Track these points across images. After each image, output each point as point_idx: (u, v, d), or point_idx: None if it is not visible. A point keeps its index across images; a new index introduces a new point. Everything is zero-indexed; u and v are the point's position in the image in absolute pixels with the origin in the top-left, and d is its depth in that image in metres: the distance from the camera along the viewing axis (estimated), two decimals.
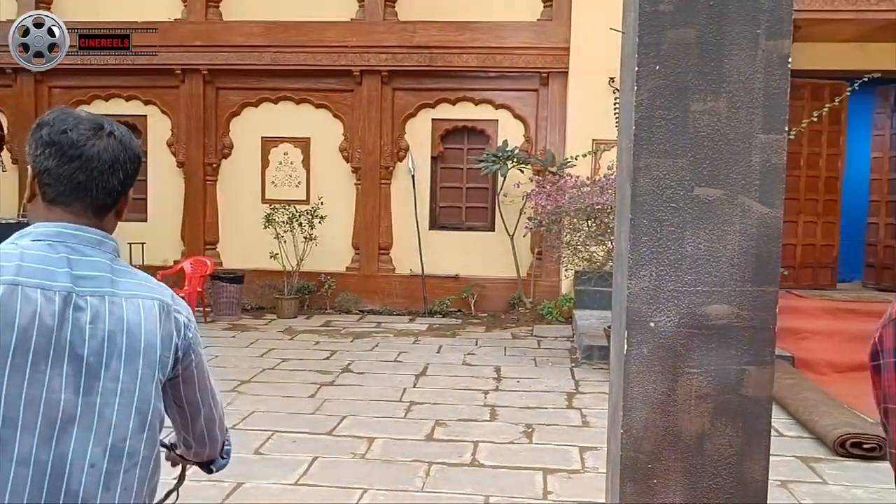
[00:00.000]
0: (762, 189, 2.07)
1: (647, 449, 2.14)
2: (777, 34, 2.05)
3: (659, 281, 2.10)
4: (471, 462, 4.63)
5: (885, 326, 0.87)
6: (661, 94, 2.08)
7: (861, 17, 8.10)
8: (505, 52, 9.79)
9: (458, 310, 10.05)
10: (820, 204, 9.58)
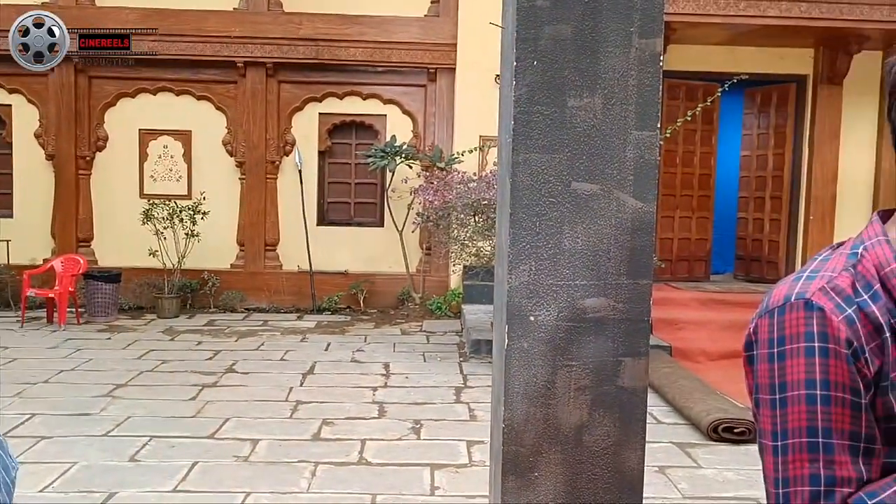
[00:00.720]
0: (636, 184, 2.11)
1: (528, 442, 2.16)
2: (649, 33, 2.09)
3: (538, 275, 2.12)
4: (358, 461, 4.58)
5: (762, 318, 0.89)
6: (539, 89, 2.09)
7: (730, 22, 8.51)
8: (393, 46, 9.74)
9: (348, 306, 9.95)
10: (694, 200, 10.02)
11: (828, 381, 0.85)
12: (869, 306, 0.87)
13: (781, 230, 10.04)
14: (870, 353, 0.85)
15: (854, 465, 0.85)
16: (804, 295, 0.88)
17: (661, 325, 7.99)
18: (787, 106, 9.92)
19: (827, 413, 0.85)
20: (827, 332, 0.85)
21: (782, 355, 0.88)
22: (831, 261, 0.92)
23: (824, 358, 0.85)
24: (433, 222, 7.88)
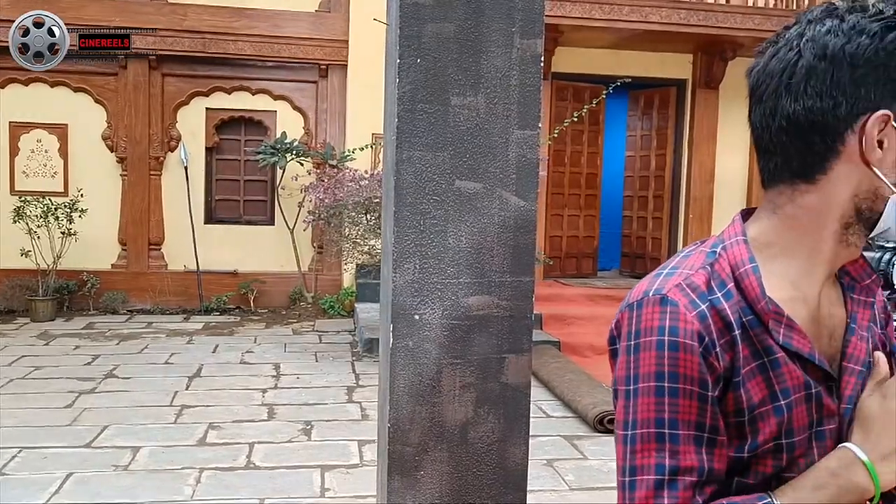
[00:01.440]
0: (518, 182, 2.14)
1: (414, 441, 2.15)
2: (530, 33, 2.12)
3: (423, 273, 2.11)
4: (246, 465, 4.46)
5: (623, 312, 0.91)
6: (423, 87, 2.08)
7: (614, 27, 8.79)
8: (282, 41, 9.56)
9: (237, 307, 9.70)
10: (582, 198, 10.31)
11: (676, 374, 0.87)
12: (721, 303, 0.89)
13: (663, 228, 10.46)
14: (720, 349, 0.88)
15: (698, 455, 0.87)
16: (661, 290, 0.90)
17: (551, 321, 8.18)
18: (669, 108, 10.34)
19: (674, 405, 0.87)
20: (678, 326, 0.87)
21: (637, 348, 0.90)
22: (691, 258, 0.95)
23: (674, 351, 0.87)
24: (325, 220, 7.78)
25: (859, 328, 0.98)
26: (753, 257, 0.92)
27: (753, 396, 0.89)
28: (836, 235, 0.92)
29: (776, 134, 0.92)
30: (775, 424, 0.89)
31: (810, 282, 0.94)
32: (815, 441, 0.92)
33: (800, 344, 0.91)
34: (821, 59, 0.88)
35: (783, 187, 0.94)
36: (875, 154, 0.87)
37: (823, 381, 0.93)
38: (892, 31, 0.86)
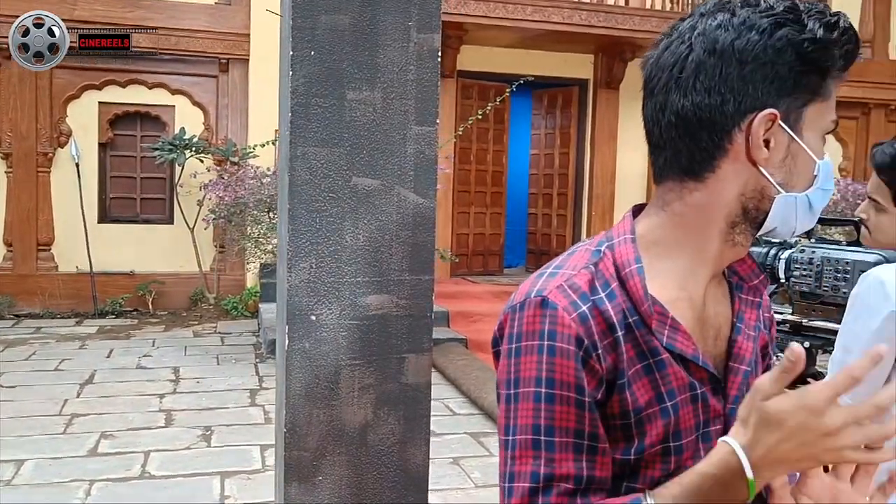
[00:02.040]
0: (416, 179, 2.10)
1: (311, 446, 2.09)
2: (427, 27, 2.09)
3: (319, 273, 2.05)
4: (140, 474, 4.27)
5: (506, 314, 0.88)
6: (317, 81, 2.02)
7: (518, 26, 8.89)
8: (180, 34, 9.23)
9: (135, 309, 9.32)
10: (488, 196, 10.39)
11: (553, 380, 0.85)
12: (604, 304, 0.87)
13: (567, 225, 10.66)
14: (603, 350, 0.86)
15: (576, 463, 0.85)
16: (542, 292, 0.87)
17: (458, 318, 8.20)
18: (571, 108, 10.54)
19: (550, 411, 0.85)
20: (557, 330, 0.85)
21: (518, 351, 0.87)
22: (575, 257, 0.93)
23: (552, 356, 0.85)
24: (226, 219, 7.56)
25: (746, 328, 0.97)
26: (639, 257, 0.91)
27: (639, 398, 0.87)
28: (722, 234, 0.91)
29: (666, 129, 0.91)
30: (662, 426, 0.88)
31: (696, 281, 0.93)
32: (702, 443, 0.91)
33: (683, 346, 0.89)
34: (710, 53, 0.86)
35: (672, 184, 0.92)
36: (761, 153, 0.87)
37: (709, 382, 0.92)
38: (781, 27, 0.85)
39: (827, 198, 0.93)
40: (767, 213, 0.90)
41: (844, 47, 0.87)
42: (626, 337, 0.87)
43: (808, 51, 0.84)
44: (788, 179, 0.89)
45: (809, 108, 0.88)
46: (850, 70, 0.91)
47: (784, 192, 0.89)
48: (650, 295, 0.88)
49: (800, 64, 0.85)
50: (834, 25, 0.85)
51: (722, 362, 0.95)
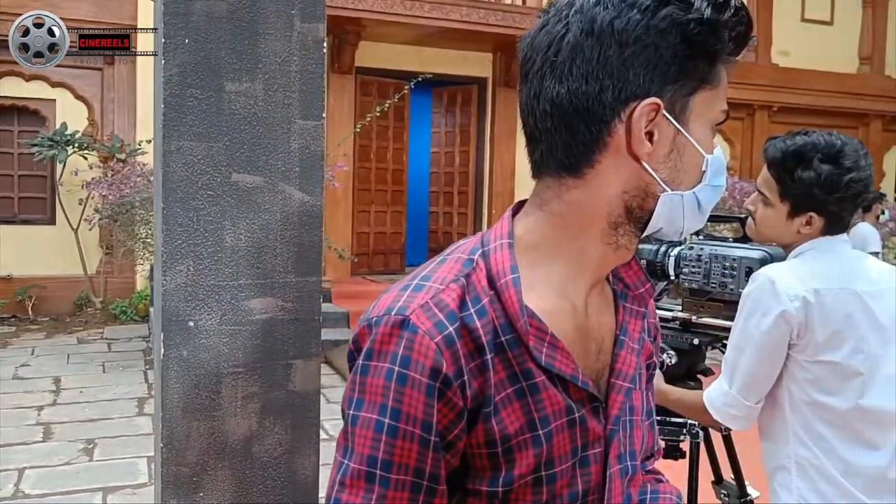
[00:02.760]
0: (302, 176, 2.00)
1: (191, 460, 1.96)
2: (311, 17, 1.99)
3: (197, 276, 1.92)
4: (13, 494, 3.97)
5: (362, 326, 0.79)
6: (193, 70, 1.89)
7: (416, 23, 8.83)
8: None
9: (13, 315, 8.76)
10: (389, 194, 10.30)
11: (400, 412, 0.76)
12: (473, 322, 0.78)
13: (469, 224, 10.68)
14: (469, 375, 0.77)
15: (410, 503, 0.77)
16: (404, 311, 0.78)
17: (358, 319, 8.08)
18: (471, 106, 10.57)
19: (391, 445, 0.76)
20: (412, 357, 0.76)
21: (366, 370, 0.78)
22: (446, 266, 0.82)
23: (402, 385, 0.76)
24: (111, 219, 7.18)
25: (630, 340, 0.90)
26: (515, 266, 0.81)
27: (508, 426, 0.79)
28: (604, 236, 0.83)
29: (541, 119, 0.81)
30: (534, 456, 0.80)
31: (577, 288, 0.85)
32: (578, 468, 0.83)
33: (562, 365, 0.81)
34: (588, 34, 0.77)
35: (550, 181, 0.83)
36: (643, 147, 0.78)
37: (588, 403, 0.84)
38: (665, 5, 0.76)
39: (717, 195, 0.85)
40: (652, 212, 0.82)
41: (735, 29, 0.79)
42: (496, 359, 0.78)
43: (695, 32, 0.76)
44: (674, 176, 0.81)
45: (697, 96, 0.79)
46: (736, 72, 0.84)
47: (669, 190, 0.81)
48: (527, 308, 0.79)
49: (685, 47, 0.77)
50: (723, 5, 0.77)
51: (604, 378, 0.87)
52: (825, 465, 1.51)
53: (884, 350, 1.53)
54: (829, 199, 1.56)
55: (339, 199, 9.12)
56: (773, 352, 1.56)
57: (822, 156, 1.56)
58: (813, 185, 1.56)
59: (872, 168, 1.62)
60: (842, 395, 1.51)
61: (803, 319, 1.51)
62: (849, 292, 1.54)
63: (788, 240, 1.65)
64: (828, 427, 1.52)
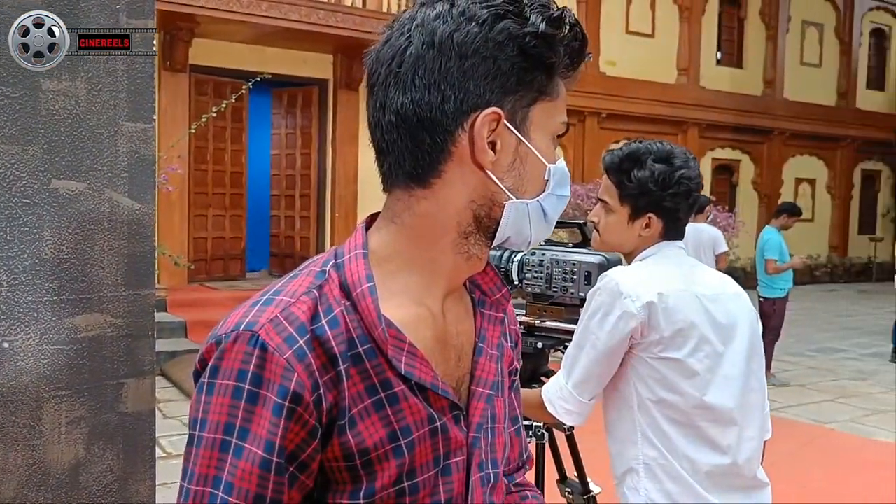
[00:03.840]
0: (132, 183, 1.87)
1: (8, 495, 1.78)
2: (139, 13, 1.86)
3: (12, 292, 1.75)
4: None
5: (210, 342, 0.75)
6: (4, 66, 1.72)
7: (253, 21, 8.60)
8: None
9: None
10: (227, 198, 9.96)
11: (246, 431, 0.74)
12: (325, 334, 0.76)
13: (311, 227, 10.53)
14: (323, 390, 0.75)
15: None
16: (252, 326, 0.75)
17: (197, 328, 7.74)
18: (312, 108, 10.42)
19: (234, 466, 0.74)
20: (262, 375, 0.74)
21: (211, 389, 0.75)
22: (297, 281, 0.81)
23: (251, 404, 0.73)
24: None
25: (489, 347, 0.91)
26: (371, 275, 0.81)
27: (367, 439, 0.78)
28: (455, 246, 0.84)
29: (387, 130, 0.81)
30: (395, 467, 0.79)
31: (433, 298, 0.85)
32: (441, 478, 0.83)
33: (422, 373, 0.80)
34: (429, 46, 0.78)
35: (400, 192, 0.83)
36: (487, 156, 0.79)
37: (450, 411, 0.83)
38: (502, 19, 0.78)
39: (562, 204, 0.88)
40: (499, 221, 0.83)
41: (570, 44, 0.82)
42: (352, 370, 0.77)
43: (531, 45, 0.79)
44: (519, 184, 0.83)
45: (537, 107, 0.82)
46: None
47: (515, 199, 0.83)
48: (384, 317, 0.79)
49: (523, 59, 0.79)
50: (558, 20, 0.80)
51: (465, 385, 0.88)
52: (672, 464, 1.57)
53: (724, 350, 1.61)
54: (664, 196, 1.65)
55: (174, 202, 8.71)
56: (612, 353, 1.61)
57: (655, 157, 1.66)
58: (648, 182, 1.64)
59: (699, 170, 1.73)
60: (685, 394, 1.57)
61: (646, 320, 1.57)
62: (689, 295, 1.61)
63: (631, 245, 1.72)
64: (673, 426, 1.58)
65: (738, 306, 1.69)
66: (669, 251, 1.70)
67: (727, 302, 1.67)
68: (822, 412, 6.17)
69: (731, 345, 1.63)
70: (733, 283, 1.74)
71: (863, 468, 5.00)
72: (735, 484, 1.62)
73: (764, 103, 15.33)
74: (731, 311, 1.66)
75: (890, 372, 7.74)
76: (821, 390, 6.90)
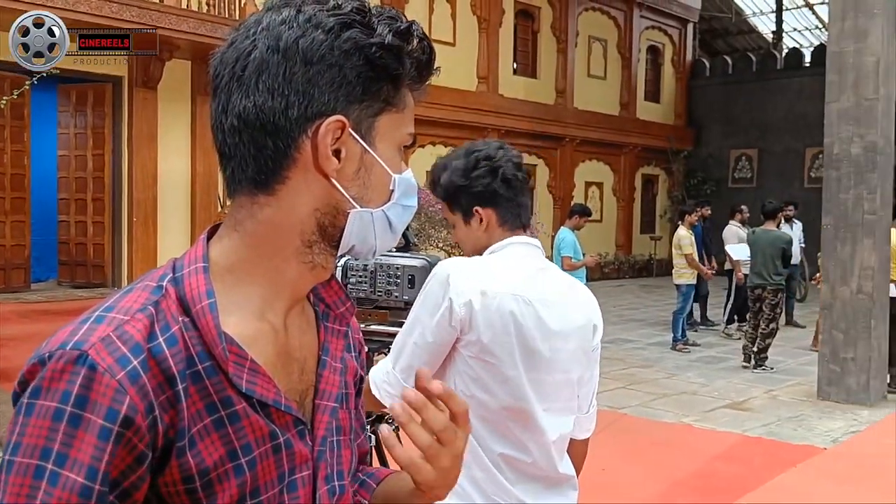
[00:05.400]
0: None
1: None
2: None
3: None
4: None
5: (33, 363, 0.72)
6: None
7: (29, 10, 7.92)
8: None
9: None
10: (7, 202, 9.15)
11: (66, 457, 0.69)
12: (162, 353, 0.74)
13: (106, 233, 9.89)
14: (160, 410, 0.73)
15: None
16: (81, 345, 0.71)
17: None
18: (105, 106, 9.80)
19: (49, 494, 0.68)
20: (88, 396, 0.70)
21: (31, 410, 0.70)
22: (131, 296, 0.78)
23: (72, 428, 0.69)
24: None
25: (332, 360, 0.90)
26: (212, 290, 0.78)
27: (206, 459, 0.76)
28: (299, 255, 0.83)
29: (230, 134, 0.80)
30: (237, 486, 0.77)
31: (275, 311, 0.84)
32: (287, 494, 0.82)
33: (264, 390, 0.79)
34: (274, 51, 0.78)
35: (243, 199, 0.82)
36: (331, 164, 0.79)
37: (294, 426, 0.83)
38: (348, 28, 0.79)
39: (408, 215, 0.88)
40: (344, 229, 0.83)
41: (417, 57, 0.83)
42: (192, 388, 0.75)
43: (377, 56, 0.79)
44: (363, 193, 0.83)
45: (383, 117, 0.83)
46: None
47: (359, 207, 0.83)
48: (225, 335, 0.77)
49: (369, 69, 0.80)
50: (405, 33, 0.81)
51: (309, 398, 0.88)
52: (479, 452, 1.61)
53: (550, 356, 1.62)
54: (472, 183, 1.68)
55: None
56: (437, 343, 1.61)
57: (453, 157, 1.73)
58: (453, 178, 1.69)
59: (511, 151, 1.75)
60: (496, 396, 1.60)
61: (467, 319, 1.57)
62: (518, 298, 1.60)
63: (482, 244, 1.72)
64: (482, 423, 1.61)
65: (579, 313, 1.69)
66: (518, 250, 1.70)
67: (566, 308, 1.67)
68: (615, 399, 6.68)
69: (559, 352, 1.64)
70: (585, 289, 1.75)
71: (653, 446, 5.50)
72: (537, 475, 1.66)
73: (556, 112, 16.34)
74: (569, 318, 1.66)
75: (671, 359, 8.54)
76: (614, 378, 7.47)
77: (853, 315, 6.52)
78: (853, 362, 6.50)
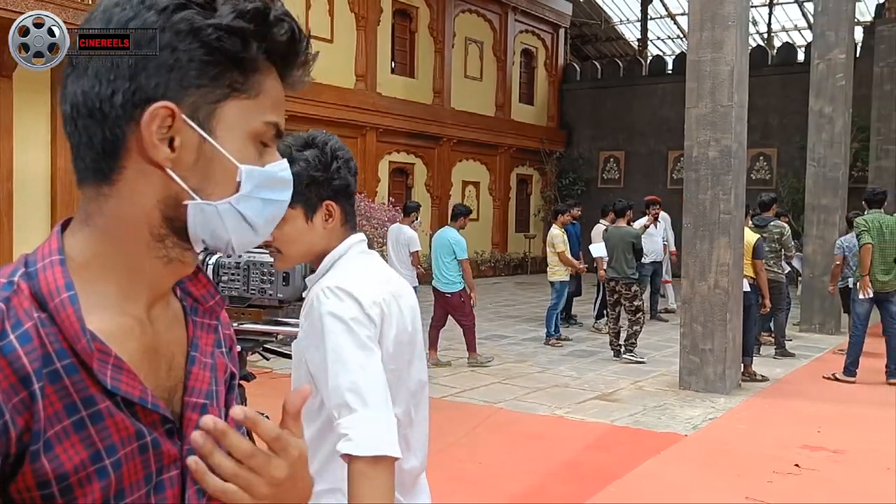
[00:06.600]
0: None
1: None
2: None
3: None
4: None
5: None
6: None
7: None
8: None
9: None
10: None
11: None
12: (15, 351, 0.69)
13: None
14: (11, 413, 0.69)
15: None
16: None
17: None
18: None
19: None
20: None
21: None
22: None
23: None
24: None
25: (202, 355, 0.88)
26: (71, 283, 0.74)
27: (65, 462, 0.72)
28: (151, 249, 0.79)
29: (67, 122, 0.77)
30: (99, 490, 0.74)
31: (137, 307, 0.81)
32: (154, 495, 0.79)
33: (129, 388, 0.76)
34: None
35: (90, 191, 0.78)
36: (160, 153, 0.75)
37: (161, 425, 0.80)
38: (183, 9, 0.75)
39: (271, 209, 0.84)
40: None
41: (274, 40, 0.78)
42: (49, 388, 0.71)
43: (214, 38, 0.75)
44: (204, 185, 0.78)
45: (228, 104, 0.78)
46: None
47: (199, 199, 0.78)
48: (88, 330, 0.73)
49: (205, 53, 0.75)
50: (251, 14, 0.76)
51: (178, 396, 0.85)
52: None
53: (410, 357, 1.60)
54: (331, 176, 1.57)
55: None
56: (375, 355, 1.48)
57: (297, 147, 1.57)
58: (308, 170, 1.55)
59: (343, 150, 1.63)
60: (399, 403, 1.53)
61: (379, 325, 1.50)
62: (395, 298, 1.56)
63: (322, 244, 1.60)
64: None
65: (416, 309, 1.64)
66: (362, 248, 1.63)
67: (411, 303, 1.63)
68: (491, 393, 6.83)
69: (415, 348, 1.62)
70: None
71: (528, 439, 5.65)
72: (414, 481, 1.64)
73: (433, 111, 16.48)
74: (415, 315, 1.62)
75: (545, 354, 8.80)
76: (490, 373, 7.63)
77: (710, 309, 6.93)
78: (711, 353, 6.92)
